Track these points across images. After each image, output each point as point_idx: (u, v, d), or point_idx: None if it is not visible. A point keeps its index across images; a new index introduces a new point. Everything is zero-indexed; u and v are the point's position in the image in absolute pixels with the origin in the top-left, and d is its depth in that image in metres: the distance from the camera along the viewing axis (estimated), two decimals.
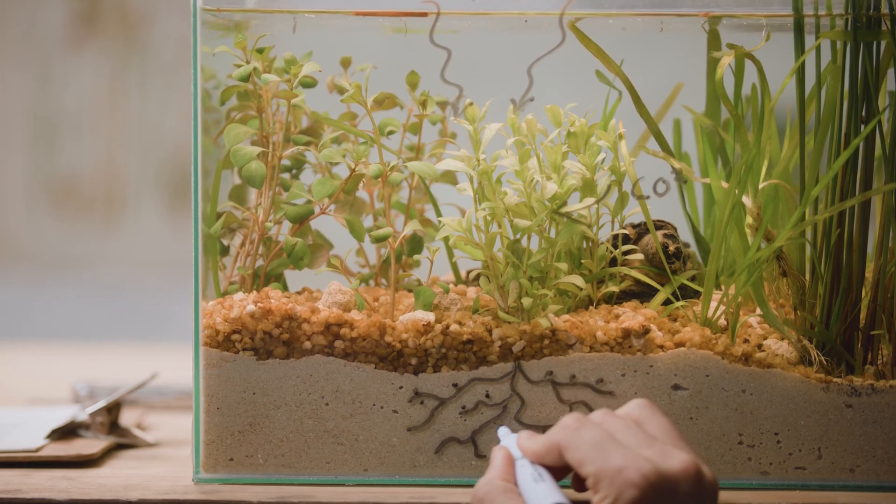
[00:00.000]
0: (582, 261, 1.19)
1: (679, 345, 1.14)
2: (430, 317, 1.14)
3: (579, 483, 1.00)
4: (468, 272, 1.29)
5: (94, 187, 3.18)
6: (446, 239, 1.19)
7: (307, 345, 1.13)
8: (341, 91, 1.24)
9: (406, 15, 1.17)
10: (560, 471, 0.99)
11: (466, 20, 1.19)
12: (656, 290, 1.19)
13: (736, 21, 1.19)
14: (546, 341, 1.13)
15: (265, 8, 1.20)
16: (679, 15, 1.19)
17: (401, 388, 1.13)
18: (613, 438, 0.96)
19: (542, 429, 1.13)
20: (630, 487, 0.92)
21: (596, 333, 1.13)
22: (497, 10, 1.19)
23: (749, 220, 1.19)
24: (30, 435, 1.24)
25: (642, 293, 1.20)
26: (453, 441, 1.14)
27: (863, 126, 1.13)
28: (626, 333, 1.13)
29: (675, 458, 0.94)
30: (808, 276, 1.17)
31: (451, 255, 1.24)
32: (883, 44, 1.13)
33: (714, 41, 1.20)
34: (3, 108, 3.18)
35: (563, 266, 1.16)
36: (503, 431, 1.06)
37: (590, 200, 1.17)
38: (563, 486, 0.98)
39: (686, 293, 1.20)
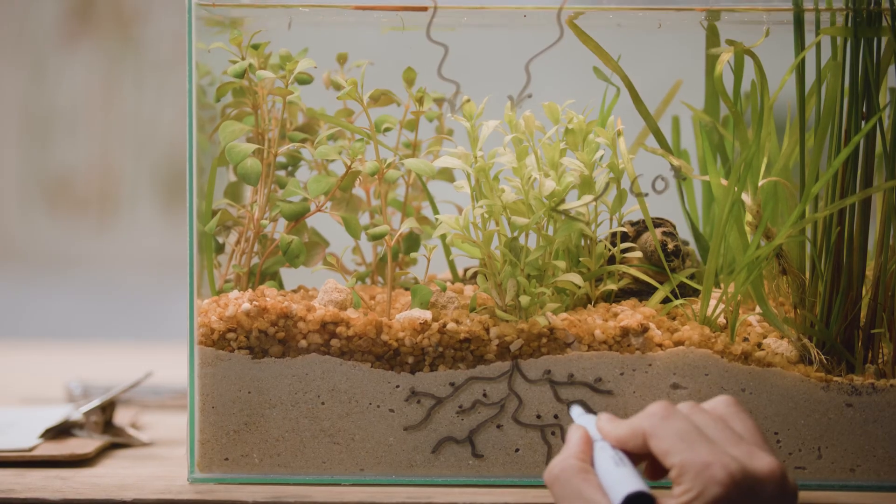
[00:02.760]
0: (580, 259, 1.19)
1: (678, 343, 1.14)
2: (427, 315, 1.13)
3: (654, 472, 0.99)
4: (465, 270, 1.29)
5: (88, 185, 3.18)
6: (443, 237, 1.19)
7: (303, 343, 1.13)
8: (338, 87, 1.24)
9: (405, 9, 1.16)
10: (636, 458, 0.98)
11: (464, 16, 1.18)
12: (655, 289, 1.19)
13: (735, 17, 1.19)
14: (544, 340, 1.13)
15: (261, 3, 1.19)
16: (678, 9, 1.18)
17: (397, 387, 1.13)
18: (701, 432, 0.95)
19: (541, 430, 1.13)
20: (715, 484, 0.92)
21: (594, 332, 1.13)
22: (495, 5, 1.18)
23: (748, 217, 1.18)
24: (23, 434, 1.24)
25: (641, 291, 1.20)
26: (450, 440, 1.13)
27: (863, 123, 1.13)
28: (625, 332, 1.13)
29: (763, 460, 0.94)
30: (808, 275, 1.16)
31: (448, 253, 1.24)
32: (884, 40, 1.13)
33: (713, 37, 1.20)
34: None
35: (561, 264, 1.16)
36: (577, 411, 1.05)
37: (588, 198, 1.17)
38: None
39: (685, 291, 1.20)
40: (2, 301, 3.14)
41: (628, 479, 0.94)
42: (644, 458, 0.99)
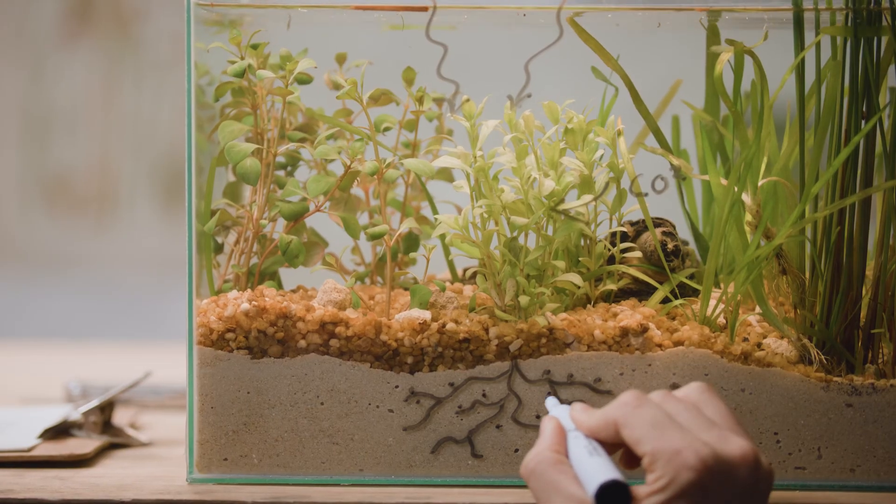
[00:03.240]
0: (580, 259, 1.19)
1: (678, 343, 1.13)
2: (427, 315, 1.13)
3: (629, 461, 0.99)
4: (465, 270, 1.28)
5: (87, 185, 3.18)
6: (443, 237, 1.19)
7: (302, 343, 1.13)
8: (338, 87, 1.23)
9: (405, 9, 1.16)
10: (610, 448, 0.98)
11: (463, 15, 1.18)
12: (655, 289, 1.19)
13: (736, 17, 1.18)
14: (543, 340, 1.13)
15: (259, 2, 1.19)
16: (677, 9, 1.18)
17: (397, 387, 1.13)
18: (672, 419, 0.95)
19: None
20: (687, 470, 0.91)
21: (594, 332, 1.13)
22: (495, 5, 1.18)
23: (748, 217, 1.18)
24: (22, 434, 1.24)
25: (640, 291, 1.20)
26: (450, 441, 1.13)
27: (863, 123, 1.13)
28: (625, 332, 1.13)
29: (734, 444, 0.93)
30: (807, 274, 1.16)
31: (447, 253, 1.24)
32: (884, 39, 1.13)
33: (713, 37, 1.20)
34: None
35: (561, 264, 1.16)
36: (551, 402, 1.04)
37: (588, 198, 1.17)
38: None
39: (685, 291, 1.19)
40: (1, 301, 3.14)
41: (603, 469, 0.94)
42: (618, 448, 0.98)
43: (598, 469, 0.94)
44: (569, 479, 0.95)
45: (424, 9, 1.15)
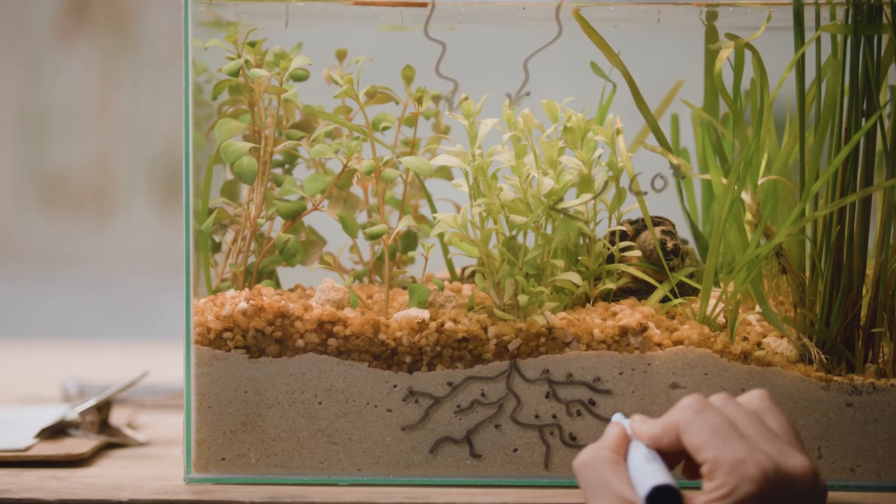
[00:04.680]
0: (579, 258, 1.19)
1: (677, 343, 1.13)
2: (425, 314, 1.13)
3: (691, 472, 0.98)
4: (463, 269, 1.28)
5: (84, 183, 3.18)
6: (441, 235, 1.19)
7: (300, 343, 1.13)
8: (336, 84, 1.23)
9: (405, 5, 1.16)
10: (672, 459, 0.97)
11: (462, 13, 1.18)
12: (654, 288, 1.19)
13: (735, 15, 1.18)
14: (542, 339, 1.13)
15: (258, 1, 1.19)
16: (676, 4, 1.18)
17: (395, 386, 1.13)
18: (735, 427, 0.94)
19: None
20: (748, 482, 0.91)
21: (593, 331, 1.13)
22: (494, 1, 1.18)
23: (748, 216, 1.18)
24: (19, 434, 1.24)
25: (640, 290, 1.20)
26: (448, 440, 1.13)
27: (863, 121, 1.13)
28: (624, 331, 1.13)
29: (796, 459, 0.93)
30: (808, 273, 1.16)
31: (446, 252, 1.24)
32: (884, 37, 1.12)
33: (712, 34, 1.19)
34: None
35: (560, 263, 1.15)
36: (618, 417, 1.03)
37: (587, 196, 1.17)
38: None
39: (684, 290, 1.19)
40: None
41: (657, 474, 0.93)
42: (680, 459, 0.98)
43: (652, 473, 0.93)
44: (622, 479, 0.94)
45: (424, 4, 1.15)
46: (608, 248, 1.20)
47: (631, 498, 0.93)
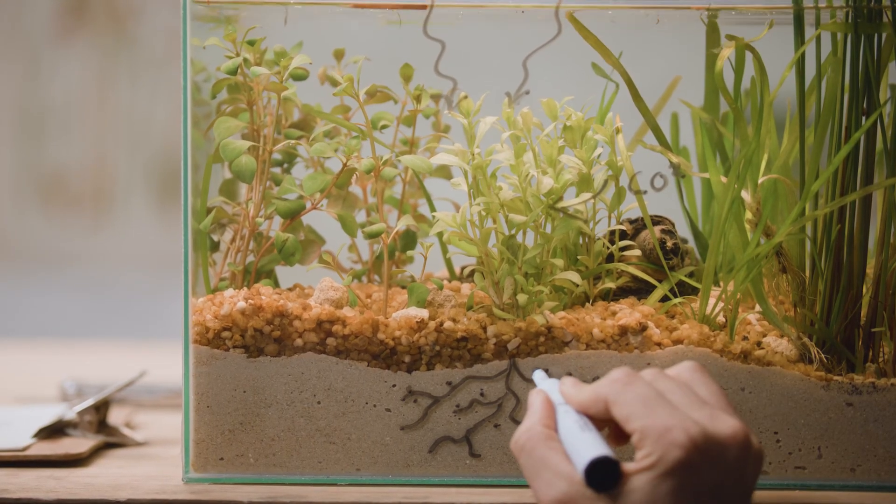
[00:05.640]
0: (578, 257, 1.18)
1: (677, 342, 1.13)
2: (424, 314, 1.13)
3: (618, 437, 0.98)
4: (462, 268, 1.28)
5: (82, 182, 3.17)
6: (440, 234, 1.19)
7: (299, 342, 1.12)
8: (334, 83, 1.23)
9: (403, 7, 1.16)
10: (599, 424, 0.97)
11: (461, 10, 1.18)
12: (654, 287, 1.19)
13: (735, 13, 1.18)
14: (542, 339, 1.12)
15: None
16: (677, 8, 1.18)
17: (394, 386, 1.13)
18: (663, 397, 0.94)
19: None
20: (676, 448, 0.91)
21: (592, 331, 1.12)
22: (493, 2, 1.18)
23: (748, 215, 1.18)
24: (17, 434, 1.23)
25: (639, 290, 1.19)
26: (447, 440, 1.13)
27: (864, 119, 1.12)
28: (623, 331, 1.13)
29: (725, 423, 0.93)
30: (808, 273, 1.16)
31: (445, 251, 1.24)
32: (884, 36, 1.12)
33: (713, 34, 1.19)
34: None
35: (559, 262, 1.15)
36: (539, 375, 1.04)
37: (586, 195, 1.17)
38: None
39: (684, 290, 1.19)
40: None
41: (593, 445, 0.93)
42: (607, 424, 0.98)
43: (588, 445, 0.93)
44: (558, 455, 0.94)
45: (424, 6, 1.15)
46: (608, 248, 1.19)
47: (570, 473, 0.93)
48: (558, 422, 0.97)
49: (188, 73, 1.13)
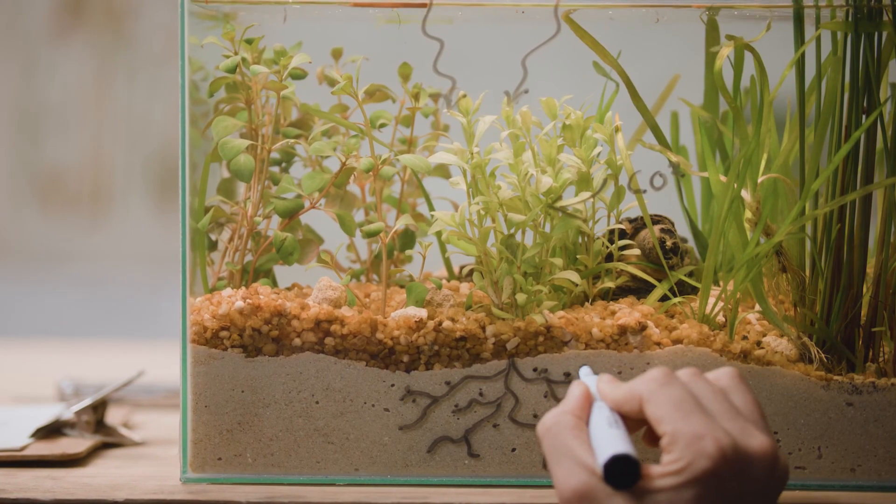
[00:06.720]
0: (577, 256, 1.18)
1: (676, 342, 1.13)
2: (423, 313, 1.13)
3: (651, 439, 0.98)
4: (461, 268, 1.28)
5: (79, 181, 3.17)
6: (439, 234, 1.19)
7: (297, 342, 1.12)
8: (332, 83, 1.23)
9: (402, 6, 1.15)
10: (635, 424, 0.97)
11: (459, 10, 1.18)
12: (653, 286, 1.18)
13: (735, 11, 1.18)
14: (541, 338, 1.12)
15: None
16: (676, 6, 1.18)
17: (392, 385, 1.12)
18: (698, 402, 0.94)
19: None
20: (705, 458, 0.90)
21: (591, 330, 1.12)
22: (492, 1, 1.17)
23: (748, 214, 1.18)
24: (14, 434, 1.23)
25: (639, 289, 1.19)
26: (446, 440, 1.12)
27: (864, 118, 1.12)
28: (623, 330, 1.12)
29: (756, 439, 0.92)
30: (808, 272, 1.16)
31: (443, 251, 1.24)
32: (884, 34, 1.12)
33: (712, 32, 1.19)
34: None
35: (558, 261, 1.15)
36: (585, 371, 1.04)
37: (585, 195, 1.16)
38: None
39: (683, 289, 1.19)
40: None
41: (617, 441, 0.93)
42: (641, 425, 0.98)
43: (613, 441, 0.93)
44: (582, 445, 0.94)
45: (423, 5, 1.15)
46: (607, 247, 1.19)
47: (590, 464, 0.92)
48: (592, 415, 0.97)
49: (186, 72, 1.13)
